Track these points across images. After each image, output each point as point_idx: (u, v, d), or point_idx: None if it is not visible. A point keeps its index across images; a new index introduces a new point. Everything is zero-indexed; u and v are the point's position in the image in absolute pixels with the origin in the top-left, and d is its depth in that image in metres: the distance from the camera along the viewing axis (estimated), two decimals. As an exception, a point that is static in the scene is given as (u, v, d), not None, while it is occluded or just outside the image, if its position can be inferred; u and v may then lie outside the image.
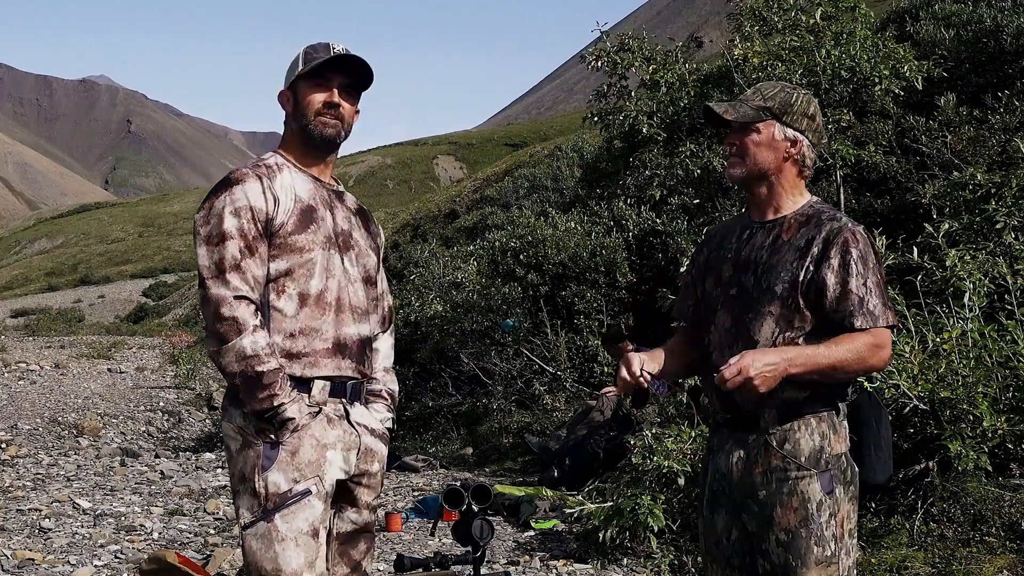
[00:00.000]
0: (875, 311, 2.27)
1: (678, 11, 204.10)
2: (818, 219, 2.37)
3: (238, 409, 2.40)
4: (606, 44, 9.06)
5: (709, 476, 2.47)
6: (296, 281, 2.40)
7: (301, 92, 2.49)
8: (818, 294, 2.29)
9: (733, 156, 2.44)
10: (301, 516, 2.36)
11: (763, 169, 2.41)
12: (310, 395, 2.41)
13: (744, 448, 2.37)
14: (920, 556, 4.32)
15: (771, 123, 2.40)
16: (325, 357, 2.43)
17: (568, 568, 5.03)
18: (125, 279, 59.25)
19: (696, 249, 2.70)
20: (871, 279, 2.28)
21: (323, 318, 2.43)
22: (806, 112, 2.42)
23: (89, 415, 11.82)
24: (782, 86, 2.48)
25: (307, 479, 2.37)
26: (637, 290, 9.67)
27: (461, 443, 9.50)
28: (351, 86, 2.51)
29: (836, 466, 2.31)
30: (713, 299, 2.46)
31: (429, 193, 41.58)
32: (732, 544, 2.42)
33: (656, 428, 5.91)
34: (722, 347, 2.40)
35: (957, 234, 5.77)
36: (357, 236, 2.58)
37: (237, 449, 2.41)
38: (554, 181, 17.76)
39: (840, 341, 2.26)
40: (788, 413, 2.32)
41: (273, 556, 2.34)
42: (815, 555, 2.27)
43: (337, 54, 2.45)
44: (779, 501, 2.30)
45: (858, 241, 2.30)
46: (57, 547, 5.51)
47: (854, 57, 7.43)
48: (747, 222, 2.49)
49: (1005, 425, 4.52)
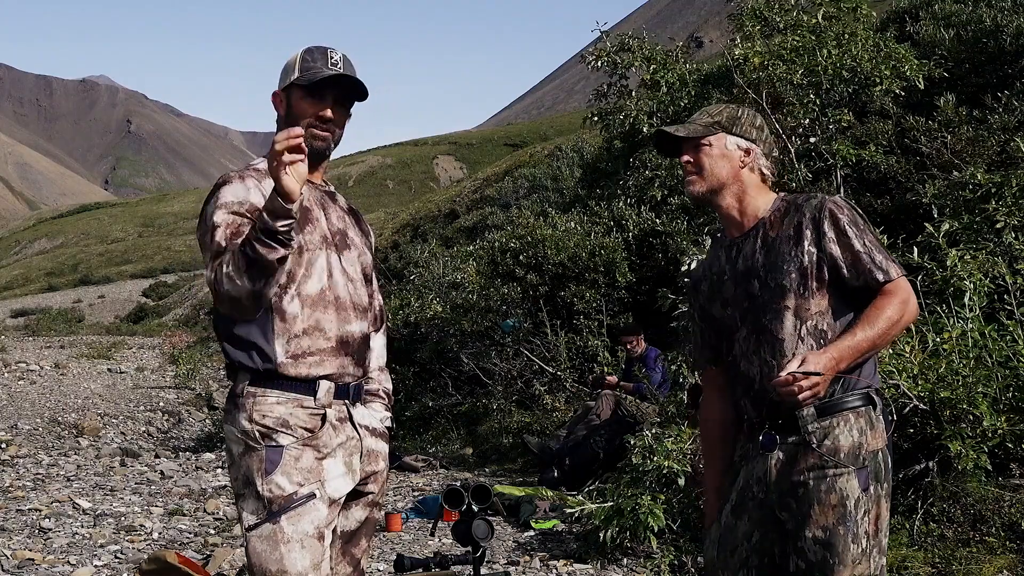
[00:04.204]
0: (883, 266, 2.32)
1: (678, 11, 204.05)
2: (796, 205, 2.43)
3: (241, 413, 2.40)
4: (606, 44, 9.07)
5: (740, 482, 2.46)
6: (297, 282, 2.41)
7: (294, 100, 2.48)
8: (834, 270, 2.34)
9: (690, 174, 2.50)
10: (307, 518, 2.36)
11: (721, 180, 2.47)
12: (315, 397, 2.41)
13: (783, 449, 2.38)
14: (920, 556, 4.32)
15: (721, 136, 2.48)
16: (330, 355, 2.43)
17: (568, 568, 5.03)
18: (125, 279, 59.27)
19: (689, 292, 2.73)
20: (867, 238, 2.35)
21: (326, 316, 2.43)
22: (754, 124, 2.51)
23: (89, 415, 11.83)
24: (727, 105, 2.58)
25: (311, 483, 2.37)
26: (637, 290, 9.67)
27: (461, 443, 9.50)
28: (345, 98, 2.51)
29: (873, 463, 2.32)
30: (728, 321, 2.48)
31: (429, 193, 41.62)
32: (752, 546, 2.42)
33: (656, 428, 5.91)
34: (748, 355, 2.42)
35: (957, 234, 5.77)
36: (353, 235, 2.58)
37: (240, 453, 2.41)
38: (554, 181, 17.77)
39: (870, 318, 2.30)
40: (826, 410, 2.34)
41: (279, 557, 2.34)
42: (851, 553, 2.28)
43: (332, 73, 2.44)
44: (817, 499, 2.30)
45: (842, 208, 2.37)
46: (57, 547, 5.51)
47: (855, 57, 7.43)
48: (728, 241, 2.53)
49: (1005, 425, 4.52)
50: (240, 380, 2.42)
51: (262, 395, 2.39)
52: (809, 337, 2.33)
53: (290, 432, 2.38)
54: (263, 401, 2.39)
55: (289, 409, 2.39)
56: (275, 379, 2.39)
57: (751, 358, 2.40)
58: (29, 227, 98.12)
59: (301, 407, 2.40)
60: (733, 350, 2.47)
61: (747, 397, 2.43)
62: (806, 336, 2.34)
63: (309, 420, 2.40)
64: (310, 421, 2.40)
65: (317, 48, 2.50)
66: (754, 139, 2.49)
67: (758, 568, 2.41)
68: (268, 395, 2.39)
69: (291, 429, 2.38)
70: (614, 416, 7.23)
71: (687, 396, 6.10)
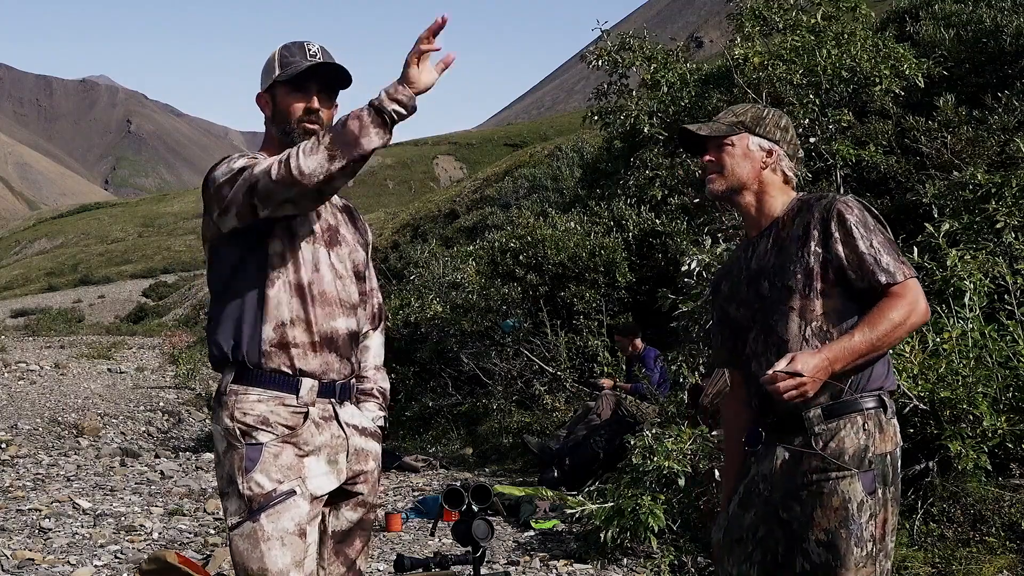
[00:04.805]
0: (889, 267, 2.29)
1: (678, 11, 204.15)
2: (807, 205, 2.42)
3: (224, 411, 2.40)
4: (607, 43, 9.07)
5: (748, 476, 2.48)
6: (281, 274, 2.41)
7: (279, 97, 2.48)
8: (839, 271, 2.33)
9: (711, 172, 2.50)
10: (287, 516, 2.35)
11: (742, 180, 2.47)
12: (298, 395, 2.41)
13: (788, 449, 2.38)
14: (920, 556, 4.33)
15: (744, 136, 2.48)
16: (312, 350, 2.43)
17: (568, 568, 5.03)
18: (125, 279, 59.26)
19: (711, 291, 2.73)
20: (875, 239, 2.32)
21: (311, 310, 2.42)
22: (778, 124, 2.51)
23: (89, 415, 11.82)
24: (753, 104, 2.57)
25: (290, 480, 2.37)
26: (637, 290, 9.67)
27: (461, 443, 9.50)
28: (328, 88, 2.51)
29: (880, 465, 2.31)
30: (743, 321, 2.49)
31: (429, 193, 41.61)
32: (757, 540, 2.42)
33: (656, 428, 5.91)
34: (758, 355, 2.43)
35: (957, 234, 5.77)
36: (344, 232, 2.58)
37: (223, 451, 2.41)
38: (554, 181, 17.77)
39: (871, 320, 2.28)
40: (834, 411, 2.33)
41: (259, 556, 2.33)
42: (855, 556, 2.27)
43: (314, 63, 2.44)
44: (820, 501, 2.30)
45: (852, 208, 2.35)
46: (57, 547, 5.50)
47: (855, 57, 7.43)
48: (747, 241, 2.55)
49: (1005, 425, 4.52)
50: (225, 377, 2.43)
51: (244, 392, 2.39)
52: (814, 338, 2.33)
53: (270, 429, 2.38)
54: (244, 399, 2.39)
55: (270, 407, 2.39)
56: (257, 374, 2.39)
57: (760, 359, 2.40)
58: (29, 227, 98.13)
59: (283, 405, 2.40)
60: (746, 350, 2.48)
61: (756, 397, 2.44)
62: (811, 337, 2.33)
63: (290, 418, 2.40)
64: (291, 419, 2.40)
65: (294, 43, 2.51)
66: (777, 140, 2.49)
67: (760, 564, 2.42)
68: (250, 393, 2.39)
69: (271, 427, 2.38)
70: (614, 416, 7.22)
71: (687, 396, 6.10)
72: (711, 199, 2.88)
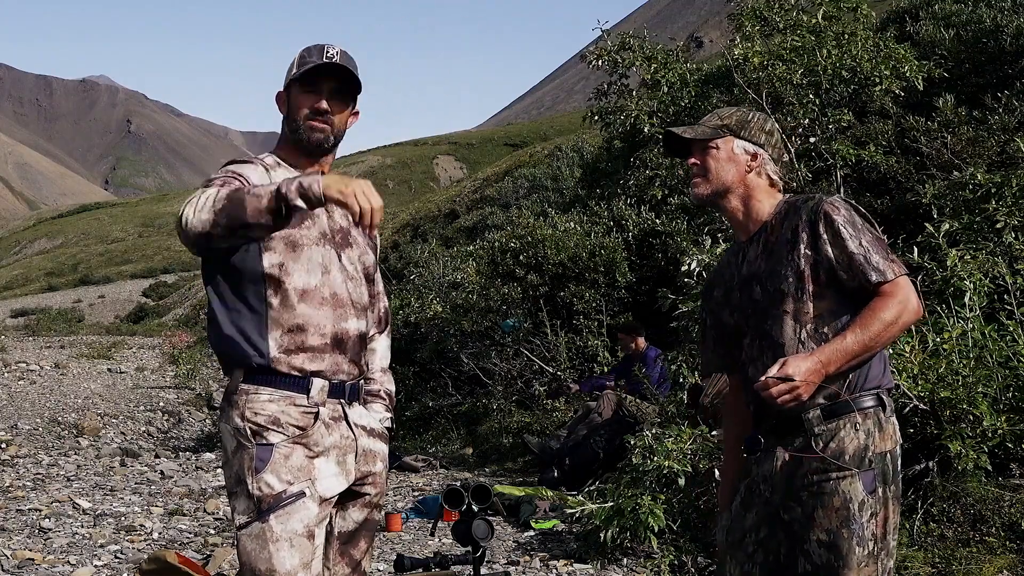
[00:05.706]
0: (879, 266, 2.29)
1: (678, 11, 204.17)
2: (794, 208, 2.41)
3: (235, 410, 2.40)
4: (607, 43, 9.07)
5: (749, 477, 2.47)
6: (291, 276, 2.40)
7: (293, 96, 2.50)
8: (830, 272, 2.32)
9: (696, 176, 2.50)
10: (296, 517, 2.35)
11: (726, 184, 2.46)
12: (308, 395, 2.41)
13: (788, 451, 2.37)
14: (920, 556, 4.33)
15: (729, 139, 2.47)
16: (323, 352, 2.42)
17: (568, 568, 5.03)
18: (125, 279, 59.24)
19: (702, 296, 2.72)
20: (864, 238, 2.31)
21: (320, 312, 2.42)
22: (763, 128, 2.50)
23: (89, 415, 11.82)
24: (738, 108, 2.57)
25: (300, 481, 2.37)
26: (637, 290, 9.67)
27: (461, 443, 9.50)
28: (342, 91, 2.50)
29: (881, 464, 2.30)
30: (737, 326, 2.48)
31: (429, 193, 41.61)
32: (758, 540, 2.42)
33: (656, 428, 5.91)
34: (754, 360, 2.42)
35: (957, 234, 5.77)
36: (355, 233, 2.57)
37: (232, 451, 2.41)
38: (554, 181, 17.77)
39: (863, 320, 2.27)
40: (833, 411, 2.33)
41: (267, 557, 2.33)
42: (857, 556, 2.27)
43: (322, 62, 2.45)
44: (820, 502, 2.29)
45: (839, 208, 2.34)
46: (57, 547, 5.50)
47: (855, 57, 7.44)
48: (738, 246, 2.54)
49: (1005, 425, 4.52)
50: (235, 377, 2.42)
51: (255, 392, 2.39)
52: (810, 340, 2.32)
53: (280, 430, 2.37)
54: (256, 399, 2.38)
55: (281, 407, 2.38)
56: (268, 375, 2.39)
57: (756, 363, 2.40)
58: (29, 227, 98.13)
59: (294, 405, 2.39)
60: (742, 356, 2.47)
61: (754, 401, 2.43)
62: (807, 340, 2.32)
63: (301, 418, 2.39)
64: (302, 419, 2.39)
65: (315, 45, 2.52)
66: (762, 143, 2.48)
67: (762, 565, 2.42)
68: (261, 392, 2.39)
69: (282, 427, 2.38)
70: (615, 416, 7.23)
71: (687, 396, 6.10)
72: (696, 203, 2.87)
